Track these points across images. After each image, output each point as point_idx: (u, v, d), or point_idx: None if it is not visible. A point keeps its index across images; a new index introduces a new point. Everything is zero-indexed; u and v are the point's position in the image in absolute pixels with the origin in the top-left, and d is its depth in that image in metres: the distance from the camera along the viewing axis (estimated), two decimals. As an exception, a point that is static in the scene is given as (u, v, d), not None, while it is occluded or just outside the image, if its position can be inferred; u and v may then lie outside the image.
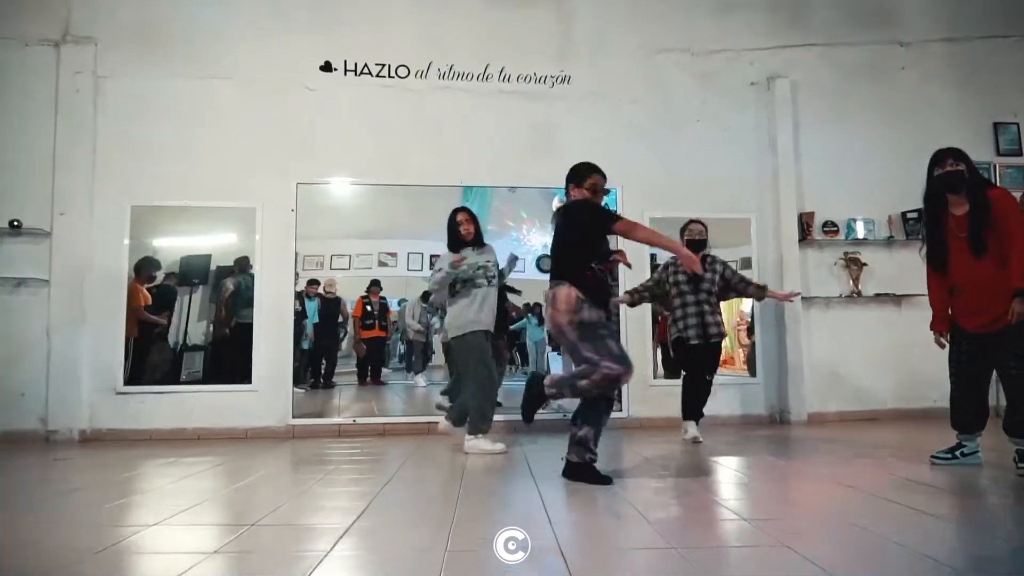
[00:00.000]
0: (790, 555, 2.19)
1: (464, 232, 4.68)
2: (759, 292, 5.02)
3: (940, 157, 3.67)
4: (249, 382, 5.66)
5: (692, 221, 5.10)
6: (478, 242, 4.71)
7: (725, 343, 5.23)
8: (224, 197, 5.78)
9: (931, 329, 3.91)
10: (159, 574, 2.15)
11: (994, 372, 3.70)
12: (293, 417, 5.65)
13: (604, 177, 3.65)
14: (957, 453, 3.76)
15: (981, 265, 3.58)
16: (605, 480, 3.35)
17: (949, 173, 3.61)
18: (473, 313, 4.52)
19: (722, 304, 5.05)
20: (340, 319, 7.82)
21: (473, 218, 4.77)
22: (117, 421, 5.48)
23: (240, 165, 5.80)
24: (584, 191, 3.59)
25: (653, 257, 6.56)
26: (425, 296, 7.33)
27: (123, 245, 5.63)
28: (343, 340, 8.10)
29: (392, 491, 3.35)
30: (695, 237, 4.97)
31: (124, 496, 3.39)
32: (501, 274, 4.87)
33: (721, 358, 5.06)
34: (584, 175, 3.61)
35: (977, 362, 3.69)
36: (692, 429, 4.81)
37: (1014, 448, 3.54)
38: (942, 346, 3.88)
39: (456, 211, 4.80)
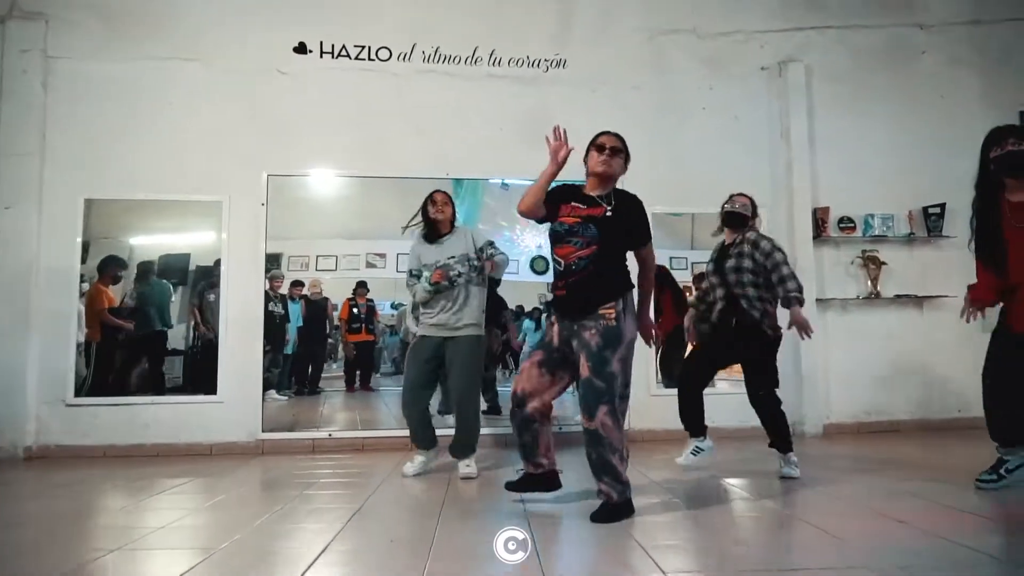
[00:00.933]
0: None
1: (434, 214, 4.09)
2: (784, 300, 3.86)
3: (999, 136, 3.21)
4: (214, 393, 5.16)
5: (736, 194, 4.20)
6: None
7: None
8: (187, 190, 5.27)
9: (968, 297, 3.38)
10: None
11: None
12: (263, 431, 5.15)
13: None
14: (1002, 471, 3.30)
15: None
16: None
17: (1012, 153, 3.16)
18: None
19: None
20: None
21: (450, 201, 4.17)
22: (67, 436, 4.97)
23: (205, 155, 5.30)
24: None
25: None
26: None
27: (75, 242, 5.13)
28: (332, 343, 7.65)
29: (357, 528, 2.86)
30: (728, 208, 4.10)
31: (43, 529, 2.88)
32: (477, 268, 4.06)
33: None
34: None
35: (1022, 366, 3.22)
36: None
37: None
38: (970, 316, 3.36)
39: (432, 192, 4.21)
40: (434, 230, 4.13)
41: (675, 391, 5.61)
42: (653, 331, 3.38)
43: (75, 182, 5.15)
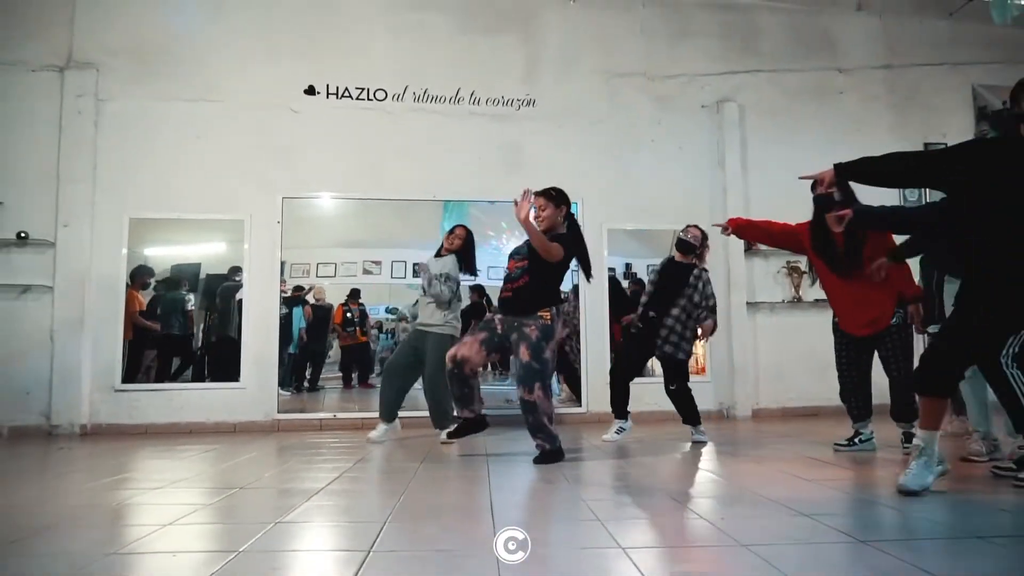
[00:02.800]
0: (689, 514, 2.70)
1: (446, 241, 5.19)
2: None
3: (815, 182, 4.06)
4: (237, 380, 6.14)
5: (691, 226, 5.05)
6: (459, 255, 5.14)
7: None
8: (215, 210, 6.27)
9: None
10: (158, 520, 2.63)
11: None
12: (278, 412, 6.13)
13: None
14: (855, 440, 4.28)
15: (856, 276, 4.07)
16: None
17: (819, 196, 3.90)
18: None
19: None
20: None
21: (465, 235, 5.18)
22: (115, 416, 5.94)
23: (229, 181, 6.29)
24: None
25: (628, 266, 7.18)
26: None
27: (121, 254, 6.11)
28: (330, 347, 8.55)
29: (360, 468, 3.85)
30: (681, 236, 4.95)
31: (123, 472, 3.87)
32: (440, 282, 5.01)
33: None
34: None
35: (860, 360, 4.21)
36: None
37: (900, 432, 4.10)
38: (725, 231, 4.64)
39: (456, 226, 5.32)
40: (439, 249, 5.24)
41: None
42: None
43: (121, 204, 6.13)
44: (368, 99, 6.61)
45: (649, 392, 6.15)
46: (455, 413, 4.22)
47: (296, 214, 6.51)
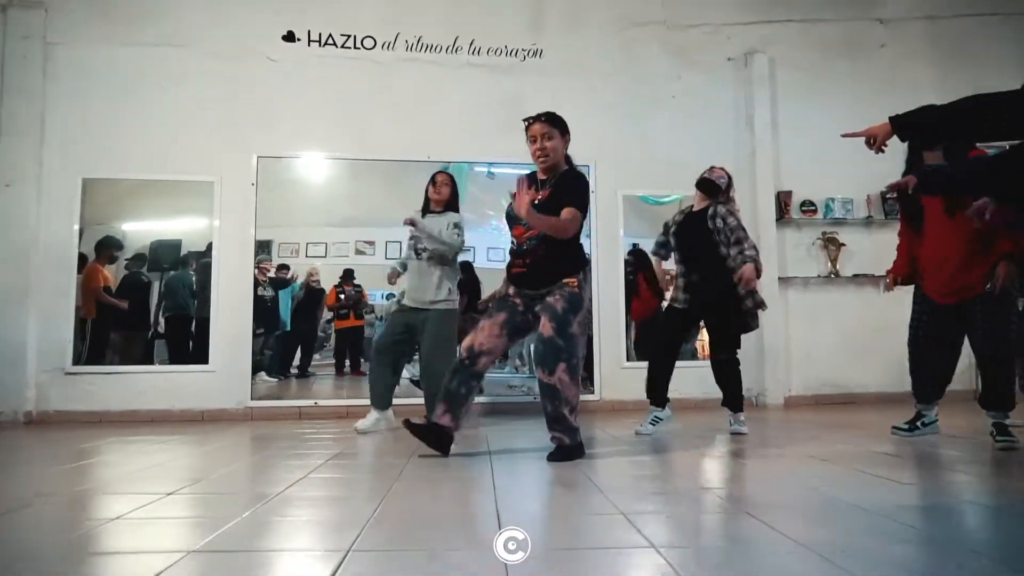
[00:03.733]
0: (778, 537, 2.01)
1: (432, 193, 4.46)
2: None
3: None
4: (206, 363, 5.44)
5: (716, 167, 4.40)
6: (450, 208, 4.47)
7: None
8: (181, 170, 5.55)
9: (888, 273, 3.95)
10: (40, 542, 1.94)
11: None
12: (251, 399, 5.44)
13: None
14: (917, 424, 3.65)
15: (955, 230, 3.42)
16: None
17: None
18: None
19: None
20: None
21: (450, 183, 4.50)
22: (66, 403, 5.24)
23: (198, 137, 5.58)
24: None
25: (635, 246, 6.46)
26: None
27: (73, 218, 5.39)
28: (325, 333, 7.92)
29: (335, 464, 3.16)
30: (705, 175, 4.26)
31: (61, 464, 3.17)
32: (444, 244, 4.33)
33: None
34: None
35: (941, 331, 3.56)
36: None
37: (991, 421, 3.41)
38: (889, 289, 3.95)
39: (435, 173, 4.59)
40: (426, 206, 4.48)
41: (642, 363, 5.94)
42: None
43: (73, 162, 5.41)
44: (355, 48, 5.87)
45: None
46: (434, 415, 3.33)
47: (274, 177, 5.80)
